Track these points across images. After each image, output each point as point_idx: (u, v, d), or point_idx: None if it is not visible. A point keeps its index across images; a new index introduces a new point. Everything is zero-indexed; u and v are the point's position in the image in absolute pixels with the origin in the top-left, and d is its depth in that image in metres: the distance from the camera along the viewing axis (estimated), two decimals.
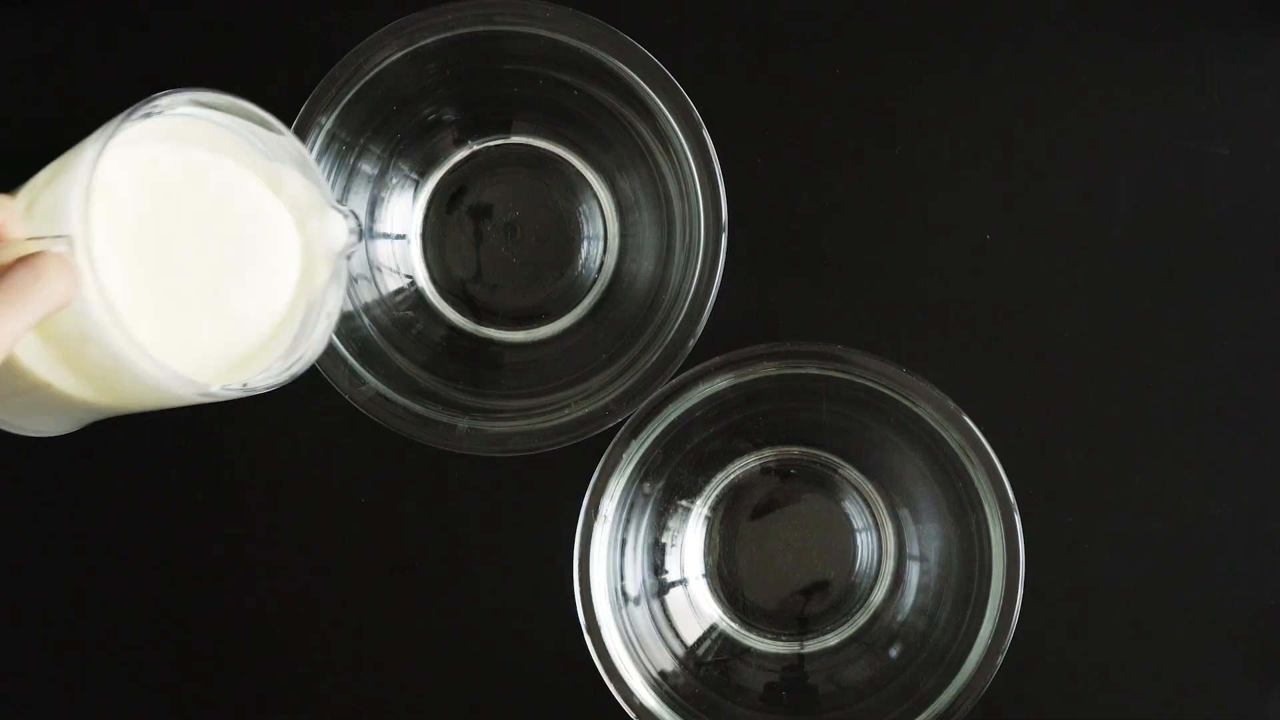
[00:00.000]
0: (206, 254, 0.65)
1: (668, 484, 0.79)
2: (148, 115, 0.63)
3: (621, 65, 0.75)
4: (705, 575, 0.80)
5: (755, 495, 0.80)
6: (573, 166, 0.81)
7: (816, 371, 0.75)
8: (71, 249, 0.58)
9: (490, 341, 0.81)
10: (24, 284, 0.56)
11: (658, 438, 0.76)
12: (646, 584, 0.78)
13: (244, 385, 0.64)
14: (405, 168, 0.80)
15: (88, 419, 0.69)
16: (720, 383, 0.75)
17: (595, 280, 0.81)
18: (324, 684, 0.80)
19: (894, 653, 0.78)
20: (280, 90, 0.76)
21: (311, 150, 0.75)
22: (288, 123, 0.66)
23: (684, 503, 0.80)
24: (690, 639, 0.79)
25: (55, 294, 0.57)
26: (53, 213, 0.58)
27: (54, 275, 0.57)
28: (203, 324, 0.64)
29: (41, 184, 0.61)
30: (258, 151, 0.66)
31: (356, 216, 0.68)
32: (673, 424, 0.76)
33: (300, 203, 0.67)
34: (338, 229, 0.68)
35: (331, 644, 0.80)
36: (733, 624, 0.80)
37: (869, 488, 0.80)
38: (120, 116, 0.61)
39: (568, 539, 0.74)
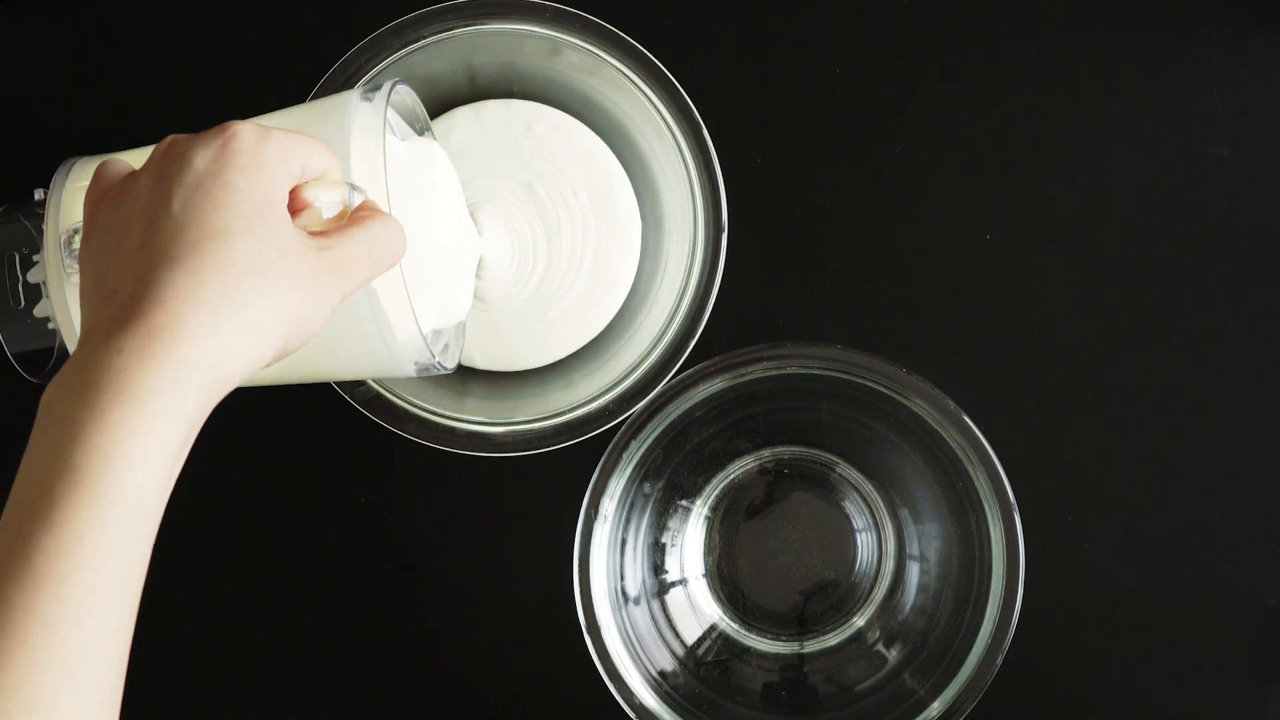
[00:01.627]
0: (430, 233, 0.67)
1: (668, 484, 0.79)
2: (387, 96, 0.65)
3: (622, 65, 0.75)
4: (705, 575, 0.80)
5: (755, 495, 0.80)
6: None
7: (816, 372, 0.75)
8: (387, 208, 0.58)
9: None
10: (381, 242, 0.56)
11: (658, 438, 0.76)
12: (646, 584, 0.78)
13: (439, 362, 0.66)
14: None
15: None
16: (720, 383, 0.75)
17: None
18: (323, 683, 0.80)
19: (894, 653, 0.78)
20: (279, 91, 0.76)
21: None
22: None
23: (684, 503, 0.80)
24: (690, 639, 0.79)
25: (396, 256, 0.57)
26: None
27: (400, 238, 0.57)
28: (419, 298, 0.64)
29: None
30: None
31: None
32: (673, 424, 0.76)
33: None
34: (502, 244, 0.74)
35: (331, 643, 0.80)
36: (733, 624, 0.80)
37: (869, 488, 0.80)
38: (387, 86, 0.63)
39: (568, 539, 0.74)
